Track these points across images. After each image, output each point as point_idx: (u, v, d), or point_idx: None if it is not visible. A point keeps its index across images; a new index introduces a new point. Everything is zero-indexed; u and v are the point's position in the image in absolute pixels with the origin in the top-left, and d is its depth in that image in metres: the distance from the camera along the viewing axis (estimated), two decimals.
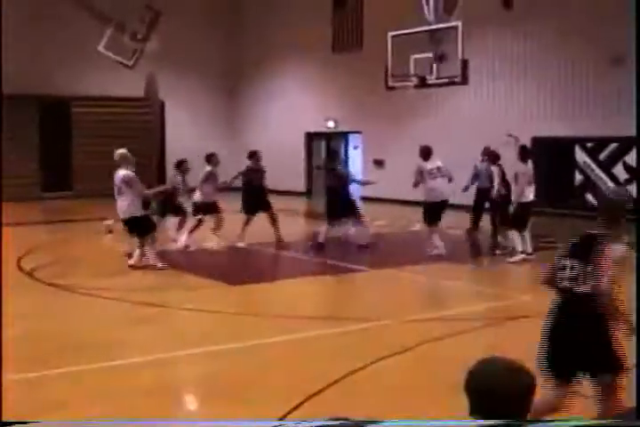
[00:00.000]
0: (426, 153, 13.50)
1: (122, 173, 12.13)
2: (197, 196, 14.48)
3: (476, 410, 2.50)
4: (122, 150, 12.38)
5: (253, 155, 15.53)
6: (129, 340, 8.19)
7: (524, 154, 12.58)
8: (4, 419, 4.25)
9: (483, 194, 14.84)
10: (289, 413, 5.72)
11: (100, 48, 20.94)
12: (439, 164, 13.46)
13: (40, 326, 8.76)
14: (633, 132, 14.42)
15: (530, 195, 12.57)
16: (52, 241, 14.93)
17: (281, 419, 5.45)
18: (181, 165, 14.78)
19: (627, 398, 4.85)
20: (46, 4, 24.47)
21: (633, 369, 5.02)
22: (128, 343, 8.05)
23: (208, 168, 14.58)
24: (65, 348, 7.83)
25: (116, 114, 26.22)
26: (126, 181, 12.02)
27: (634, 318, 4.79)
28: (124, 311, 9.64)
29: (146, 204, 15.17)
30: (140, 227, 12.19)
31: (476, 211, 15.29)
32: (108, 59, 21.23)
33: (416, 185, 13.40)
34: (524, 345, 7.71)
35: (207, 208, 14.47)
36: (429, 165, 13.36)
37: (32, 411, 5.85)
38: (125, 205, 12.07)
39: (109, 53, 20.99)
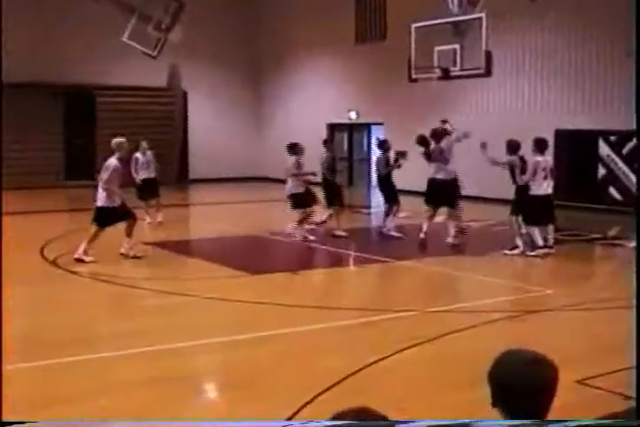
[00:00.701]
0: (434, 136, 13.52)
1: (110, 160, 11.85)
2: (295, 187, 13.94)
3: (498, 401, 2.51)
4: (120, 139, 12.09)
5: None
6: (147, 328, 8.21)
7: (536, 146, 12.44)
8: (9, 415, 4.25)
9: None
10: (305, 405, 5.69)
11: (125, 38, 21.01)
12: (441, 146, 13.40)
13: (58, 315, 8.84)
14: None
15: (548, 188, 12.45)
16: (74, 229, 14.99)
17: (289, 418, 5.38)
18: (295, 147, 14.17)
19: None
20: None
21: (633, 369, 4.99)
22: (146, 332, 8.04)
23: (294, 158, 13.95)
24: (80, 336, 7.90)
25: (139, 104, 26.32)
26: (106, 169, 11.71)
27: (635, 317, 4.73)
28: (145, 300, 9.72)
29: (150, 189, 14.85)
30: (112, 218, 11.86)
31: None
32: (132, 48, 21.30)
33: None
34: (548, 338, 7.74)
35: (308, 199, 13.98)
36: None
37: (40, 401, 5.90)
38: (102, 193, 11.77)
39: (134, 43, 21.05)
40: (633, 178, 18.05)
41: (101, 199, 11.81)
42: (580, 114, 19.04)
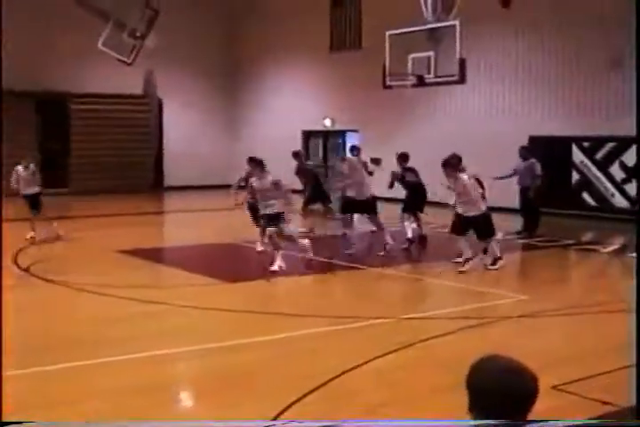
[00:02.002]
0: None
1: None
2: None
3: (474, 407, 2.49)
4: None
5: (404, 157, 14.55)
6: (123, 337, 8.11)
7: (448, 166, 11.82)
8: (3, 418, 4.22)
9: (524, 192, 16.00)
10: (282, 412, 5.67)
11: (99, 45, 20.88)
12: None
13: (36, 322, 8.75)
14: (630, 131, 14.42)
15: (482, 206, 11.94)
16: (47, 237, 14.91)
17: (275, 419, 5.39)
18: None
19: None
20: (46, 1, 24.43)
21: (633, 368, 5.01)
22: (122, 340, 7.95)
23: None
24: (60, 344, 7.82)
25: (114, 111, 26.19)
26: None
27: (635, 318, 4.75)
28: (120, 308, 9.59)
29: None
30: None
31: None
32: (106, 56, 21.18)
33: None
34: (522, 343, 7.75)
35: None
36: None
37: (28, 408, 5.81)
38: None
39: (108, 50, 20.93)
40: (606, 183, 18.21)
41: None
42: (554, 120, 19.17)
